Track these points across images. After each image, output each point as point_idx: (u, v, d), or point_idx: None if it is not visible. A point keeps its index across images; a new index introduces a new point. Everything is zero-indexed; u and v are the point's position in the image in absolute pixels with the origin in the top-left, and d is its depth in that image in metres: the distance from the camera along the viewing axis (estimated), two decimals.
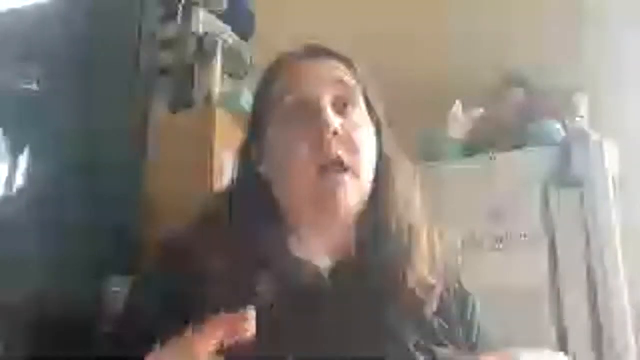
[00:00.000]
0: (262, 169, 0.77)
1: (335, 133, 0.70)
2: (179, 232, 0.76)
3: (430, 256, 0.76)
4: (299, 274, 0.72)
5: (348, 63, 0.79)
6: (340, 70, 0.77)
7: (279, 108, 0.75)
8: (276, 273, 0.69)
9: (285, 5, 2.13)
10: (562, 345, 1.39)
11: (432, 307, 0.74)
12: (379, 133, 0.78)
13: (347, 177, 0.70)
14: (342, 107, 0.74)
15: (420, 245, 0.75)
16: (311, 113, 0.72)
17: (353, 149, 0.72)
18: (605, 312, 1.38)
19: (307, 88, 0.74)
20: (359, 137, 0.73)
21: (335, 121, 0.71)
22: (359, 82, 0.78)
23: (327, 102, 0.73)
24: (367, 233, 0.75)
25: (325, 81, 0.75)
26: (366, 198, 0.74)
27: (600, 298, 1.39)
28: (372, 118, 0.78)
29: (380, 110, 0.80)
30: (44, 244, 1.28)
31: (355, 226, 0.75)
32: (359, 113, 0.76)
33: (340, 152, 0.70)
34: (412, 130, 1.73)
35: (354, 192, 0.71)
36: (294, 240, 0.75)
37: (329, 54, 0.79)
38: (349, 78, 0.77)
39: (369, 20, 2.08)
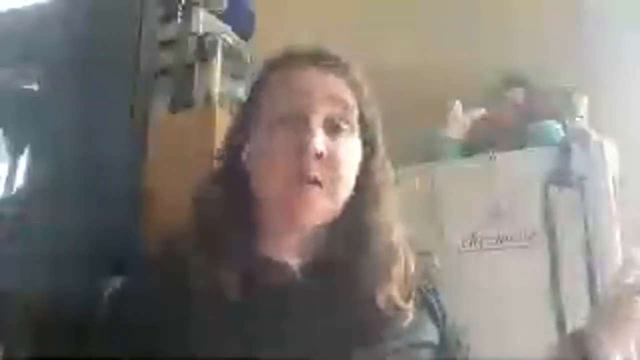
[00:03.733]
0: (244, 157, 0.77)
1: (320, 156, 0.70)
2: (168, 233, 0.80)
3: (405, 274, 0.75)
4: (271, 271, 0.73)
5: (352, 80, 0.77)
6: (341, 88, 0.76)
7: (269, 112, 0.75)
8: (248, 271, 0.70)
9: (285, 5, 2.13)
10: None
11: (405, 319, 0.73)
12: (371, 150, 0.78)
13: (317, 190, 0.71)
14: (334, 125, 0.74)
15: (395, 263, 0.75)
16: (300, 128, 0.72)
17: (333, 169, 0.72)
18: None
19: (302, 101, 0.73)
20: (343, 158, 0.73)
21: (321, 143, 0.71)
22: (358, 98, 0.77)
23: (318, 120, 0.72)
24: (339, 238, 0.75)
25: (322, 97, 0.74)
26: (338, 210, 0.74)
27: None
28: (365, 137, 0.78)
29: (376, 128, 0.80)
30: (44, 243, 1.28)
31: (327, 230, 0.75)
32: (350, 132, 0.75)
33: (318, 173, 0.71)
34: (412, 130, 1.74)
35: (323, 206, 0.72)
36: (266, 237, 0.76)
37: (333, 63, 0.78)
38: (348, 96, 0.76)
39: (369, 20, 2.08)
